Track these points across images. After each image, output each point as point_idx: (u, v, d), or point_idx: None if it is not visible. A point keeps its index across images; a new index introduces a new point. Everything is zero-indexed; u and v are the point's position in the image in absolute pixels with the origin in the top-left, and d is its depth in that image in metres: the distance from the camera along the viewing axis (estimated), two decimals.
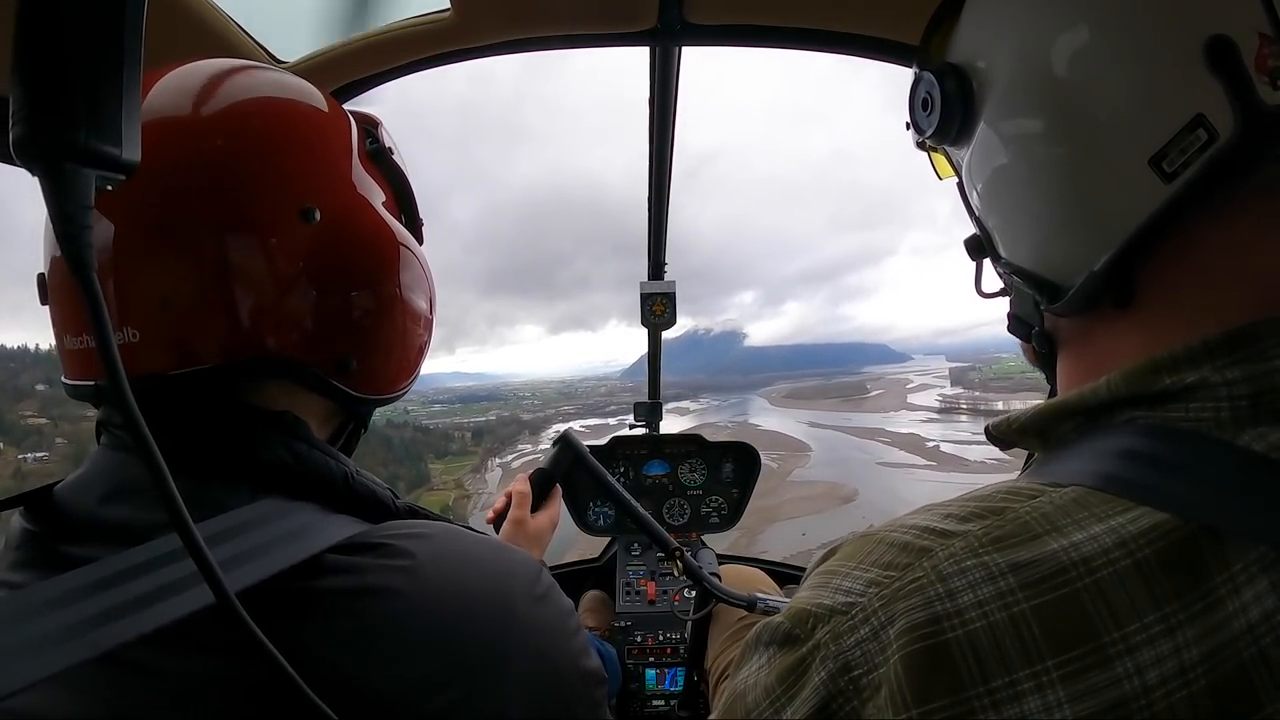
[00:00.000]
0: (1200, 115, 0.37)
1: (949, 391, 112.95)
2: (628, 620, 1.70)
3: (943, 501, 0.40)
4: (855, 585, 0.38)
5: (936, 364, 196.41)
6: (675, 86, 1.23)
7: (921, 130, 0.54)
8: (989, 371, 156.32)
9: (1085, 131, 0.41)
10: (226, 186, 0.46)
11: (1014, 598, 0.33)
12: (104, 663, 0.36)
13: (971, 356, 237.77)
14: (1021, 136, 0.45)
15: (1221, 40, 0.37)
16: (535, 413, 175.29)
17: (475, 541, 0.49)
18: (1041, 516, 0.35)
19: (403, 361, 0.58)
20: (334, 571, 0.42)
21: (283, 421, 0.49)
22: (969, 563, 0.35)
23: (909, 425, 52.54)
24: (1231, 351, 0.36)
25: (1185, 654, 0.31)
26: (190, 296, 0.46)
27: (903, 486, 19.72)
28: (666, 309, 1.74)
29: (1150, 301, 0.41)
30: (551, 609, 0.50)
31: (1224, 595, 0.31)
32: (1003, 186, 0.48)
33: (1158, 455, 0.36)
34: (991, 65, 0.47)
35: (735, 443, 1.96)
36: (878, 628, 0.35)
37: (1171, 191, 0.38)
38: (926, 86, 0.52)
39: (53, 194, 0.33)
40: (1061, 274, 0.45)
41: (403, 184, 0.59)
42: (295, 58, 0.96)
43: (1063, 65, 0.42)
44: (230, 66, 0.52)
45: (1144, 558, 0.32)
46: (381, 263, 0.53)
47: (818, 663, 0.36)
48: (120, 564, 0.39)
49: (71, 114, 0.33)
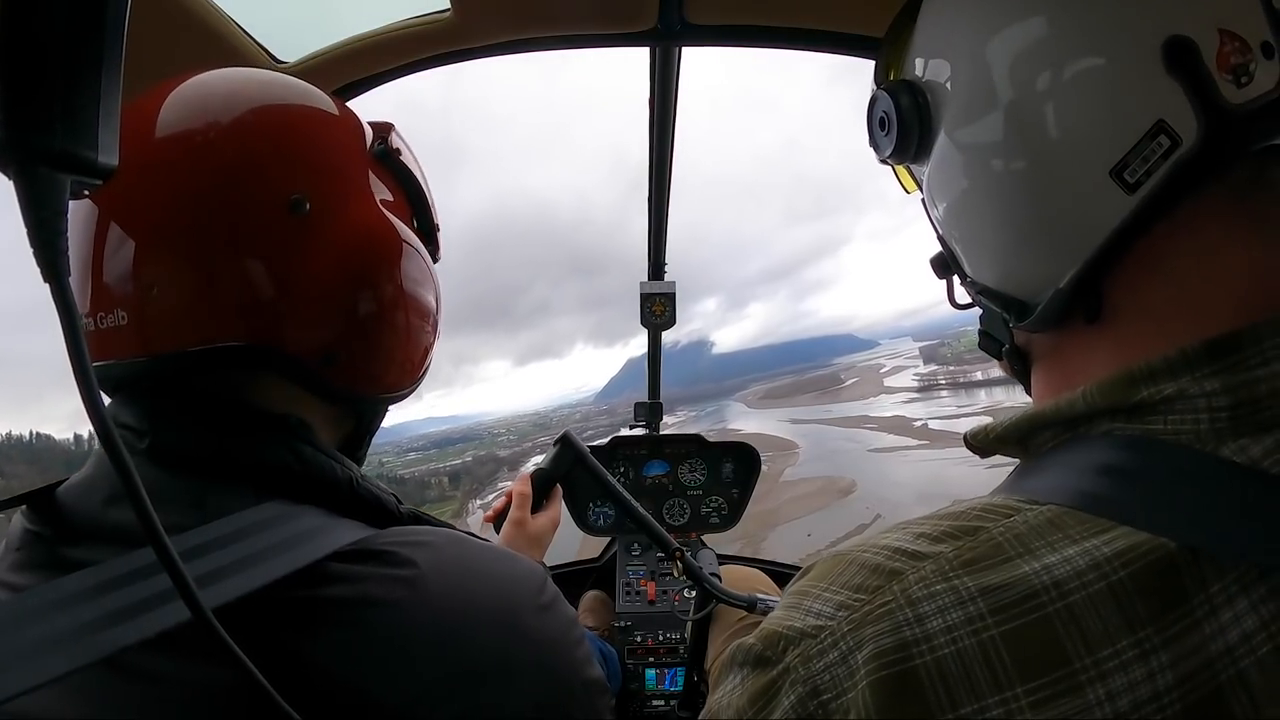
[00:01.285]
0: (1161, 121, 0.36)
1: (924, 370, 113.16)
2: (628, 620, 1.70)
3: (918, 518, 0.40)
4: (825, 608, 0.37)
5: (905, 346, 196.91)
6: (676, 87, 1.23)
7: (880, 149, 0.53)
8: (960, 345, 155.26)
9: (1042, 145, 0.40)
10: (214, 176, 0.46)
11: (984, 623, 0.32)
12: (108, 668, 0.35)
13: (937, 334, 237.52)
14: (978, 152, 0.44)
15: (1179, 41, 0.36)
16: (512, 448, 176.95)
17: (479, 550, 0.49)
18: (1015, 538, 0.35)
19: (403, 361, 0.56)
20: (336, 580, 0.41)
21: (286, 424, 0.49)
22: (939, 587, 0.34)
23: (891, 409, 52.32)
24: (1210, 362, 0.35)
25: (1160, 679, 0.30)
26: (177, 282, 0.46)
27: (899, 469, 19.34)
28: (666, 309, 1.74)
29: (1122, 314, 0.40)
30: (556, 619, 0.49)
31: (1201, 617, 0.31)
32: (963, 204, 0.47)
33: (1136, 470, 0.35)
34: (945, 79, 0.46)
35: (735, 443, 1.96)
36: (846, 652, 0.35)
37: (1135, 203, 0.37)
38: (882, 105, 0.51)
39: (26, 199, 0.32)
40: (1028, 291, 0.44)
41: (414, 187, 0.58)
42: (295, 58, 0.96)
43: (1015, 77, 0.41)
44: (230, 72, 0.52)
45: (1118, 580, 0.32)
46: (378, 258, 0.52)
47: (787, 686, 0.36)
48: (122, 567, 0.39)
49: (47, 117, 0.32)
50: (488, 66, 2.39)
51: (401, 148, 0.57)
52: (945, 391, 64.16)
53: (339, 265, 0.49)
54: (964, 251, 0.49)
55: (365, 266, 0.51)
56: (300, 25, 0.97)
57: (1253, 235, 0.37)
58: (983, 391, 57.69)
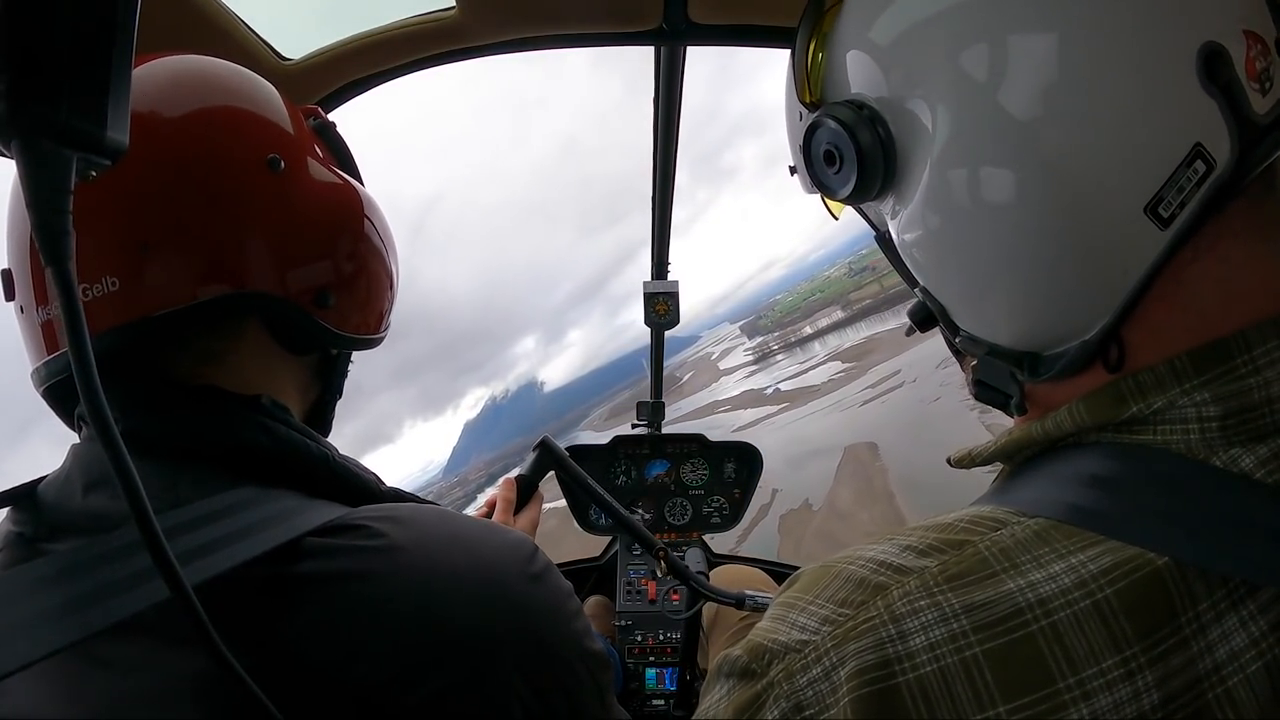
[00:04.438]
0: (1198, 145, 0.32)
1: (751, 344, 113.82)
2: (628, 620, 1.70)
3: (907, 529, 0.39)
4: (810, 622, 0.37)
5: (725, 330, 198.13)
6: (680, 86, 1.23)
7: (833, 192, 0.44)
8: (775, 312, 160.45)
9: (1066, 185, 0.34)
10: (198, 142, 0.48)
11: (966, 640, 0.32)
12: (75, 657, 0.34)
13: (751, 310, 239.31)
14: (981, 196, 0.36)
15: (1213, 48, 0.32)
16: None
17: (463, 521, 0.47)
18: (1001, 552, 0.34)
19: (379, 303, 0.60)
20: (311, 556, 0.40)
21: (259, 404, 0.48)
22: (923, 603, 0.33)
23: (735, 387, 51.33)
24: (1198, 372, 0.34)
25: (1145, 698, 0.30)
26: (170, 239, 0.46)
27: (766, 439, 19.00)
28: (669, 309, 1.74)
29: (1139, 350, 0.36)
30: (548, 590, 0.47)
31: (1189, 635, 0.30)
32: (958, 254, 0.39)
33: (1125, 482, 0.35)
34: (917, 102, 0.38)
35: (737, 443, 1.96)
36: (829, 668, 0.34)
37: (1169, 238, 0.33)
38: (828, 137, 0.42)
39: (28, 174, 0.31)
40: (1043, 344, 0.40)
41: (349, 158, 0.61)
42: (299, 55, 0.97)
43: (1029, 102, 0.34)
44: (190, 57, 0.54)
45: (1104, 599, 0.31)
46: (348, 209, 0.55)
47: (771, 700, 0.36)
48: (89, 551, 0.37)
49: (53, 88, 0.30)
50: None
51: (331, 124, 0.61)
52: (781, 355, 64.05)
53: (320, 215, 0.53)
54: (959, 306, 0.42)
55: (341, 216, 0.55)
56: (304, 22, 0.97)
57: (1263, 245, 0.35)
58: (816, 343, 57.72)
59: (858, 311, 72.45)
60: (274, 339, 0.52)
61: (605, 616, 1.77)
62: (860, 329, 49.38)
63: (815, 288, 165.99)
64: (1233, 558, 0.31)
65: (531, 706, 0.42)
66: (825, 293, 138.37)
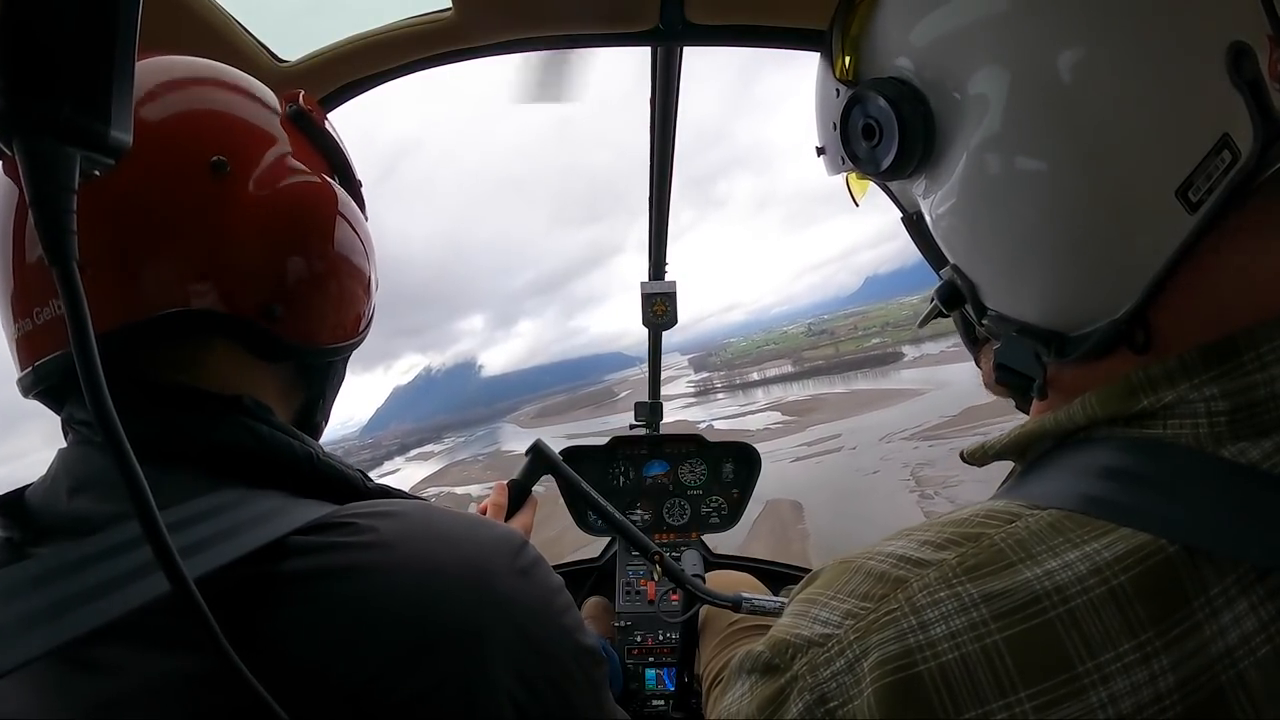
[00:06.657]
0: (1226, 135, 0.34)
1: (696, 377, 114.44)
2: (628, 620, 1.70)
3: (922, 524, 0.40)
4: (832, 616, 0.38)
5: (674, 359, 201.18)
6: (677, 87, 1.23)
7: (871, 166, 0.45)
8: (728, 353, 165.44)
9: (1107, 165, 0.36)
10: (136, 156, 0.45)
11: (986, 629, 0.33)
12: (61, 661, 0.34)
13: (703, 347, 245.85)
14: (1020, 174, 0.39)
15: (1240, 47, 0.34)
16: None
17: (450, 516, 0.46)
18: (1016, 543, 0.35)
19: (343, 309, 0.55)
20: (295, 554, 0.39)
21: (240, 404, 0.47)
22: (942, 594, 0.34)
23: (670, 414, 51.41)
24: (1208, 368, 0.35)
25: (1161, 681, 0.30)
26: (110, 257, 0.44)
27: None
28: (667, 309, 1.75)
29: (1164, 334, 0.38)
30: (537, 585, 0.46)
31: (1201, 620, 0.31)
32: (995, 231, 0.41)
33: (1137, 471, 0.35)
34: (962, 83, 0.40)
35: (736, 443, 1.96)
36: (853, 660, 0.35)
37: (1196, 222, 0.35)
38: (870, 109, 0.43)
39: (30, 173, 0.30)
40: (1071, 323, 0.41)
41: (331, 144, 0.57)
42: (296, 56, 0.96)
43: (1071, 89, 0.36)
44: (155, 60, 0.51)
45: (1119, 585, 0.32)
46: (306, 210, 0.51)
47: (795, 694, 0.37)
48: (74, 553, 0.37)
49: (56, 84, 0.29)
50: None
51: (312, 109, 0.57)
52: (722, 395, 64.05)
53: (269, 220, 0.49)
54: (991, 283, 0.44)
55: (295, 219, 0.51)
56: (301, 23, 0.97)
57: (1277, 241, 0.37)
58: (759, 390, 57.62)
59: (808, 369, 72.00)
60: (243, 348, 0.50)
61: (605, 617, 1.77)
62: (807, 386, 48.95)
63: (771, 339, 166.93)
64: (1241, 543, 0.32)
65: (522, 702, 0.42)
66: (779, 345, 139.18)
